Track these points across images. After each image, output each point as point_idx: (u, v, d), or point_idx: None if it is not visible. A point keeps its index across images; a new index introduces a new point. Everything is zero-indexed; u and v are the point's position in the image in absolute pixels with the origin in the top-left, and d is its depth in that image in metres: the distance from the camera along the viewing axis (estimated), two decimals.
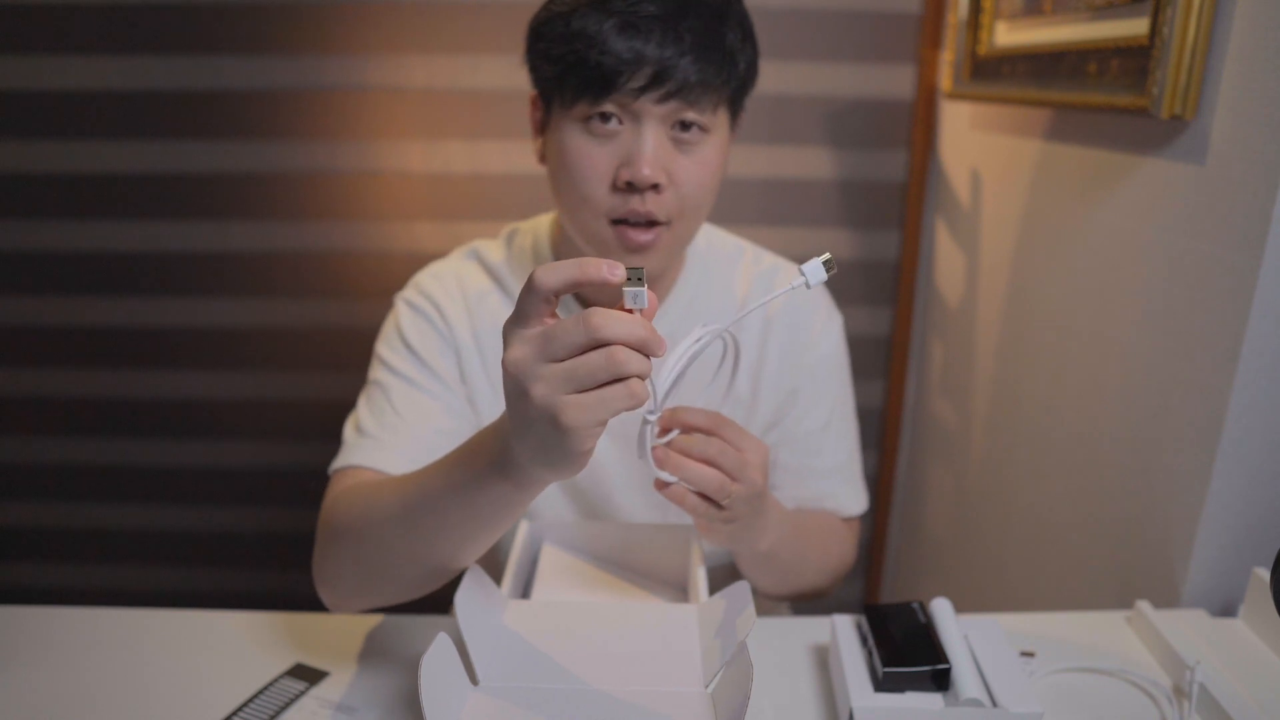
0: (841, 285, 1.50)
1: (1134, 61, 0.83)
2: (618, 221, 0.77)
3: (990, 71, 1.14)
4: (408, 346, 0.85)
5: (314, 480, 0.87)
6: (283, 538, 1.64)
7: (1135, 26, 0.83)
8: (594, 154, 0.75)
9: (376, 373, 0.85)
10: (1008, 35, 1.10)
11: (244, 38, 1.35)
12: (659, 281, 0.88)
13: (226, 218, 1.44)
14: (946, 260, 1.39)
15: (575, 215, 0.79)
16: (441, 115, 1.38)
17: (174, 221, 1.44)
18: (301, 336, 1.51)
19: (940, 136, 1.39)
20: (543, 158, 0.82)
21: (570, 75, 0.74)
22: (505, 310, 0.87)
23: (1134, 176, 0.89)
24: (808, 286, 0.55)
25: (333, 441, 0.87)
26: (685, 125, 0.75)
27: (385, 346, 0.86)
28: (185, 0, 1.33)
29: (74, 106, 1.38)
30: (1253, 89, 0.72)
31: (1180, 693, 0.70)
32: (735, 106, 0.81)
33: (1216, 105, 0.76)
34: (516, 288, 0.88)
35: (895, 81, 1.39)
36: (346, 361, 1.47)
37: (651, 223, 0.76)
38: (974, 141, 1.27)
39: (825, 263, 0.55)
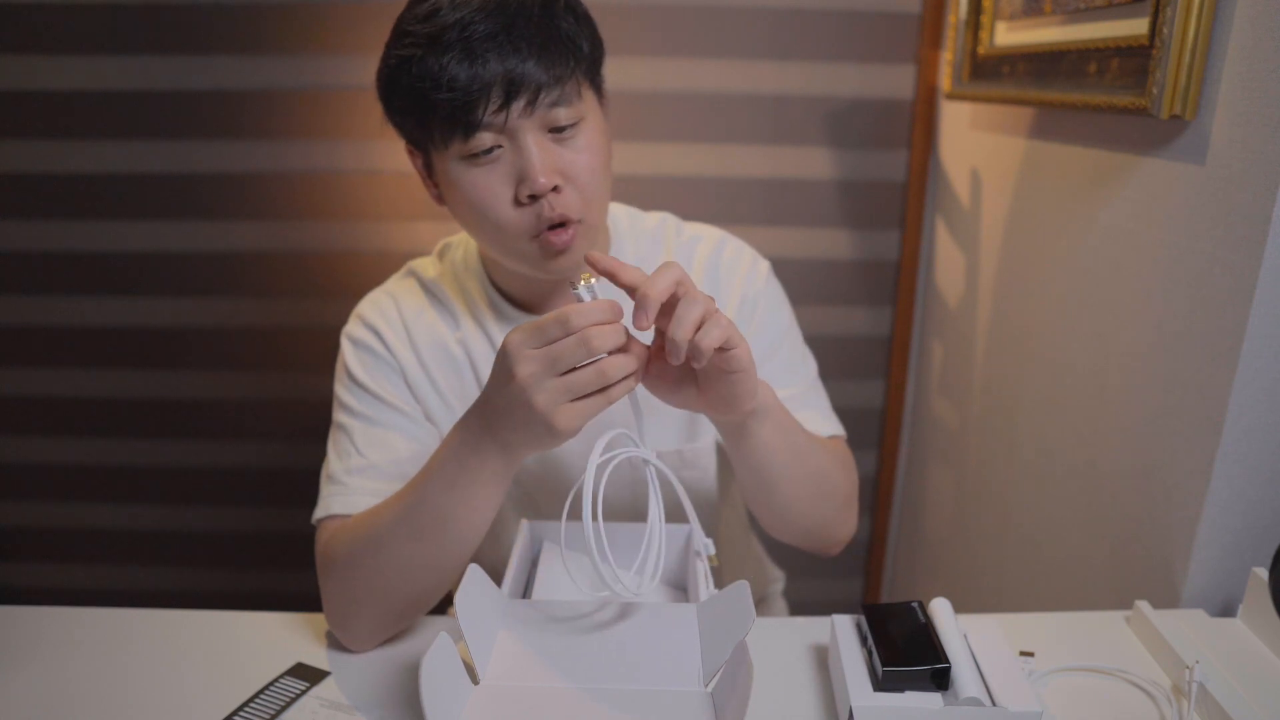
0: (841, 285, 1.50)
1: (1134, 61, 0.83)
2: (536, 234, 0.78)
3: (990, 71, 1.14)
4: (358, 383, 0.86)
5: (313, 480, 0.87)
6: (283, 538, 1.64)
7: (1135, 26, 0.83)
8: (488, 183, 0.76)
9: (337, 415, 0.87)
10: (1007, 35, 1.10)
11: (243, 38, 1.35)
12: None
13: (226, 218, 1.44)
14: (946, 260, 1.39)
15: (495, 243, 0.81)
16: None
17: (174, 221, 1.44)
18: (301, 336, 1.51)
19: (940, 136, 1.40)
20: (440, 199, 0.83)
21: (431, 121, 0.75)
22: (441, 323, 0.89)
23: (1134, 176, 0.89)
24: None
25: None
26: (559, 128, 0.76)
27: (340, 386, 0.88)
28: (184, 0, 1.33)
29: (74, 106, 1.38)
30: (1253, 89, 0.72)
31: (1179, 692, 0.70)
32: (595, 81, 0.81)
33: (1216, 105, 0.76)
34: (451, 300, 0.90)
35: (895, 81, 1.39)
36: None
37: (566, 222, 0.78)
38: (974, 141, 1.27)
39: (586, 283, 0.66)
